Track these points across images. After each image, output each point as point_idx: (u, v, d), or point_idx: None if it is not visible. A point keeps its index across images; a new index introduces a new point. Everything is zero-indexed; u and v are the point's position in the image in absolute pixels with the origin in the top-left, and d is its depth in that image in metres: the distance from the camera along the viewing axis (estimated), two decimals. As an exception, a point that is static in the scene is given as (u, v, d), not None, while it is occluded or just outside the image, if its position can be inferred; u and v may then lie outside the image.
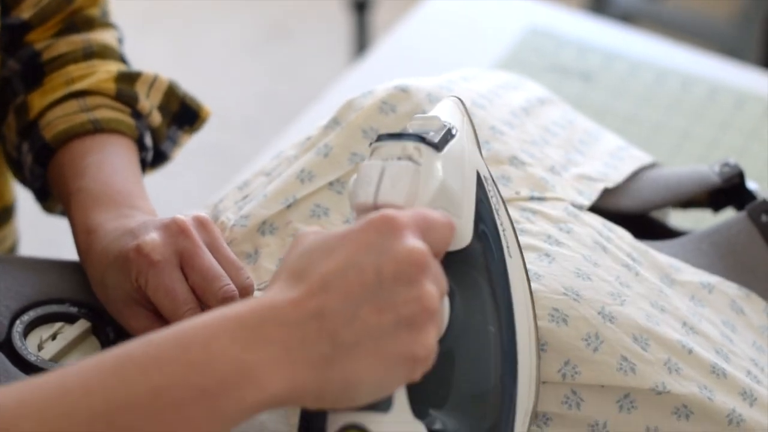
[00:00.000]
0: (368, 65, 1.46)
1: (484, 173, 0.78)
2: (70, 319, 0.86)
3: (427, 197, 0.72)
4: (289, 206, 0.89)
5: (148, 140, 0.99)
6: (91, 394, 0.61)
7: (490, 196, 0.77)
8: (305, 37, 2.92)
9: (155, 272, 0.81)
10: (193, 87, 1.08)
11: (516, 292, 0.76)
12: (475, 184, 0.77)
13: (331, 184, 0.90)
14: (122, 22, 1.08)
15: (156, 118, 0.99)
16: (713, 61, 1.48)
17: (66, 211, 0.93)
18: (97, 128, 0.95)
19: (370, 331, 0.64)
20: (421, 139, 0.73)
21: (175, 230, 0.83)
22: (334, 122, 0.93)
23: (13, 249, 1.12)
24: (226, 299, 0.81)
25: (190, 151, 2.66)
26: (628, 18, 2.46)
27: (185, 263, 0.82)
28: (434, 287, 0.66)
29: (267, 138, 2.34)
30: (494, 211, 0.77)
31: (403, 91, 0.93)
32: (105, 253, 0.85)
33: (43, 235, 1.81)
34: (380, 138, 0.74)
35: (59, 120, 0.95)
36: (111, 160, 0.93)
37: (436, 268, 0.67)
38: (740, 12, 2.48)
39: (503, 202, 0.79)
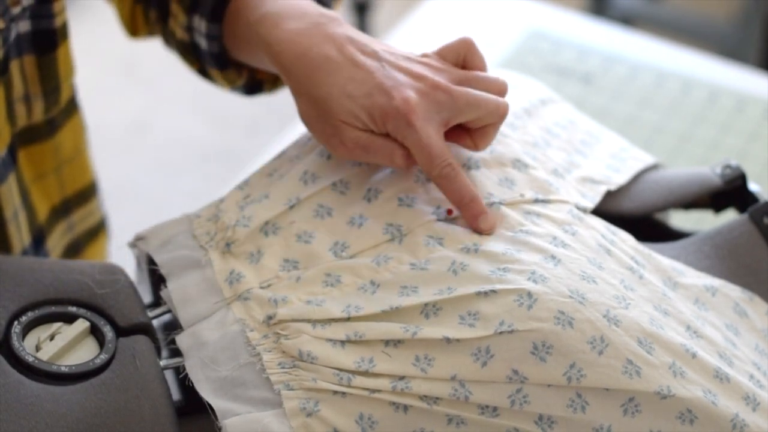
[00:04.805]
0: (368, 66, 1.45)
1: None
2: (68, 319, 0.85)
3: None
4: (291, 207, 0.89)
5: None
6: None
7: None
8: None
9: (412, 131, 0.85)
10: (193, 86, 1.07)
11: None
12: None
13: (334, 184, 0.89)
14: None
15: None
16: (713, 63, 1.48)
17: (248, 46, 0.94)
18: None
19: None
20: None
21: (428, 87, 0.86)
22: (337, 123, 0.93)
23: (101, 223, 1.14)
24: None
25: (191, 151, 2.65)
26: (628, 20, 2.45)
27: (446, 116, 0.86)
28: None
29: (268, 138, 2.33)
30: None
31: (405, 91, 0.93)
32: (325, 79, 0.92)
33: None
34: None
35: None
36: None
37: None
38: (740, 14, 2.48)
39: None
